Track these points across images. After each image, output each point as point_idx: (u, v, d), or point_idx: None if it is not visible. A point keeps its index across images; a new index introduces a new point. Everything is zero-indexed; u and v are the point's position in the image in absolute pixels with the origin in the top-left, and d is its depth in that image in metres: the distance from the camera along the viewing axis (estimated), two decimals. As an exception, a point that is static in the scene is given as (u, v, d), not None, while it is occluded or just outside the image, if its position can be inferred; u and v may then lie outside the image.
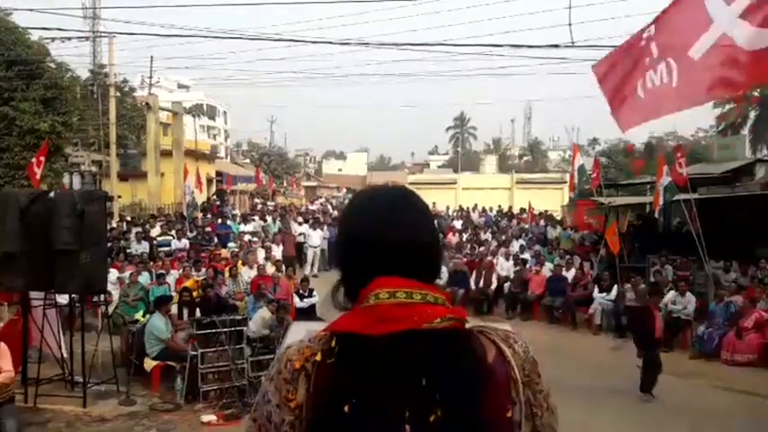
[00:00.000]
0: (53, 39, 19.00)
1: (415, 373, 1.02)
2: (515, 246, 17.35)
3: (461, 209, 28.46)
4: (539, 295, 13.76)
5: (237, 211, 25.57)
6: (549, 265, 14.68)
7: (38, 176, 14.37)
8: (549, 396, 1.13)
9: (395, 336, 1.03)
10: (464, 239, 19.27)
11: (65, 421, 7.16)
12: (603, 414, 7.31)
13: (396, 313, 1.05)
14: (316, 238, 18.49)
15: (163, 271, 12.51)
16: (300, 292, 12.06)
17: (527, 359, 1.12)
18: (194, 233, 17.27)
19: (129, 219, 19.13)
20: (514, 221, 24.25)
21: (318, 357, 1.07)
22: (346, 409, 1.00)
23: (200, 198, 25.75)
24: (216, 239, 17.21)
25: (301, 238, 18.61)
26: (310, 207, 30.64)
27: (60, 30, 20.73)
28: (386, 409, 1.00)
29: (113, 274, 11.51)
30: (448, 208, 27.76)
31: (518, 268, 14.77)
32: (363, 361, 1.03)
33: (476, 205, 28.77)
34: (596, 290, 12.80)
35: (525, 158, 72.76)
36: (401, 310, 1.06)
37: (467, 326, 1.12)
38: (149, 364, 8.62)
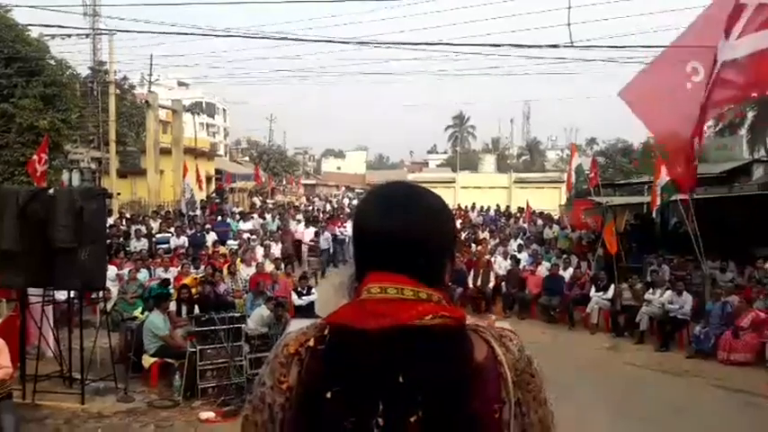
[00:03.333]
0: (53, 36, 19.05)
1: (394, 369, 1.03)
2: (513, 245, 17.38)
3: (460, 208, 28.50)
4: (536, 294, 13.80)
5: (237, 209, 25.62)
6: (546, 265, 14.72)
7: (38, 173, 14.39)
8: (540, 393, 1.13)
9: (382, 330, 1.04)
10: (462, 238, 19.29)
11: (63, 418, 7.16)
12: (600, 413, 7.34)
13: (384, 308, 1.07)
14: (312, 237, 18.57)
15: (168, 277, 12.41)
16: (299, 289, 12.08)
17: (521, 358, 1.12)
18: (193, 230, 17.29)
19: (128, 216, 19.14)
20: (512, 220, 24.30)
21: (312, 343, 1.10)
22: (328, 395, 1.03)
23: (200, 196, 25.80)
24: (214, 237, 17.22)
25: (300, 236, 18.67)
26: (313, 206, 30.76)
27: (60, 27, 20.76)
28: (363, 400, 1.02)
29: (112, 270, 11.53)
30: (446, 206, 27.75)
31: (510, 267, 14.81)
32: (350, 352, 1.05)
33: (474, 204, 28.82)
34: (593, 289, 12.83)
35: (524, 158, 72.90)
36: (390, 305, 1.07)
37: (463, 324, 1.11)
38: (148, 360, 8.64)
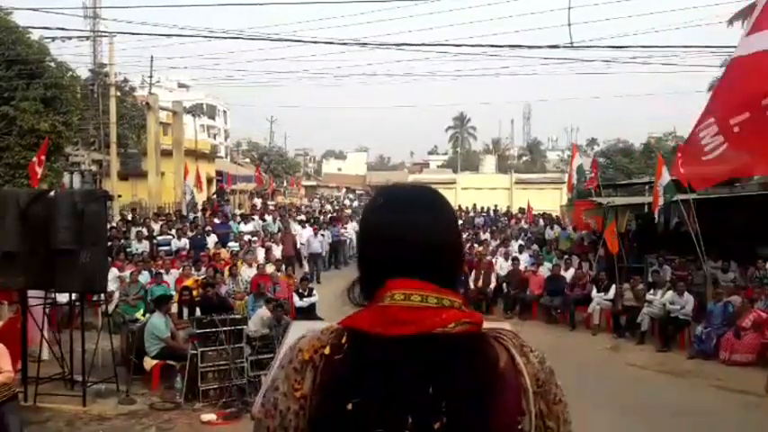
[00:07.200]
0: (53, 38, 18.99)
1: (422, 381, 1.01)
2: (514, 246, 17.39)
3: (461, 209, 28.49)
4: (537, 295, 13.78)
5: (238, 211, 25.63)
6: (547, 265, 14.70)
7: (39, 176, 14.42)
8: (566, 407, 1.12)
9: (406, 338, 1.03)
10: (463, 239, 19.26)
11: (64, 420, 7.17)
12: (601, 413, 7.33)
13: (409, 316, 1.05)
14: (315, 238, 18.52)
15: (161, 270, 12.53)
16: (300, 291, 12.08)
17: (542, 369, 1.10)
18: (194, 232, 17.28)
19: (129, 218, 19.13)
20: (513, 221, 24.31)
21: (327, 351, 1.07)
22: (349, 407, 1.00)
23: (201, 197, 25.80)
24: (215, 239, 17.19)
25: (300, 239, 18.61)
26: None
27: (61, 29, 20.75)
28: (389, 412, 0.99)
29: (113, 272, 11.53)
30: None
31: (512, 267, 14.82)
32: (371, 361, 1.03)
33: (475, 205, 28.82)
34: (594, 290, 12.81)
35: (524, 159, 72.98)
36: (415, 313, 1.05)
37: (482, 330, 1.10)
38: (149, 362, 8.64)
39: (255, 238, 17.58)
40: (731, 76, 4.23)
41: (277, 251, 15.97)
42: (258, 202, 30.52)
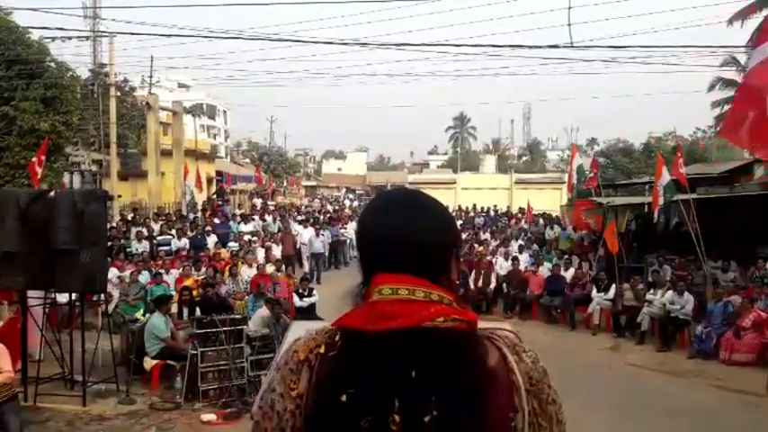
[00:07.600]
0: (53, 38, 18.96)
1: (407, 366, 1.03)
2: (514, 246, 17.39)
3: (460, 209, 28.51)
4: (537, 295, 13.78)
5: (238, 211, 25.65)
6: (547, 265, 14.71)
7: (38, 176, 14.42)
8: (560, 408, 1.12)
9: (395, 333, 1.04)
10: (463, 239, 19.28)
11: (64, 420, 7.17)
12: (601, 413, 7.34)
13: (396, 310, 1.07)
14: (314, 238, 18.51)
15: (161, 270, 12.54)
16: (300, 291, 12.08)
17: (535, 368, 1.11)
18: (194, 232, 17.29)
19: (129, 218, 19.12)
20: (513, 221, 24.33)
21: (322, 350, 1.10)
22: (344, 398, 1.02)
23: (201, 197, 25.78)
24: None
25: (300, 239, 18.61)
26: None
27: (61, 29, 20.74)
28: (378, 398, 1.01)
29: (113, 273, 11.53)
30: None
31: (512, 267, 14.82)
32: (363, 357, 1.05)
33: (474, 205, 28.84)
34: (594, 290, 12.80)
35: (524, 158, 73.02)
36: (402, 306, 1.07)
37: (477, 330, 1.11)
38: (149, 363, 8.64)
39: (255, 238, 17.58)
40: None
41: (277, 251, 15.98)
42: (258, 202, 30.53)
